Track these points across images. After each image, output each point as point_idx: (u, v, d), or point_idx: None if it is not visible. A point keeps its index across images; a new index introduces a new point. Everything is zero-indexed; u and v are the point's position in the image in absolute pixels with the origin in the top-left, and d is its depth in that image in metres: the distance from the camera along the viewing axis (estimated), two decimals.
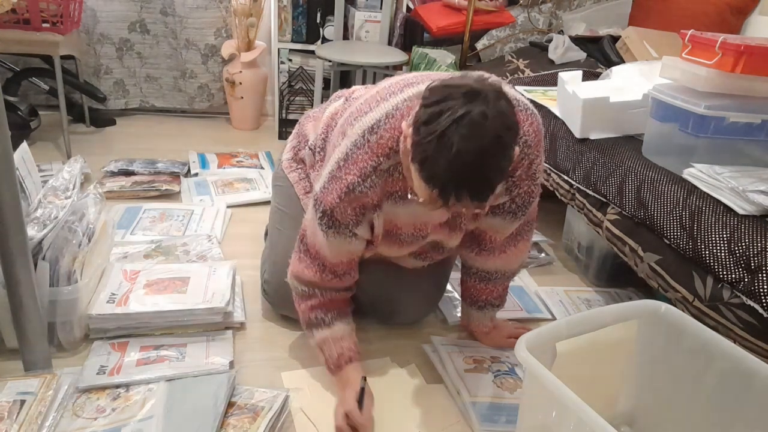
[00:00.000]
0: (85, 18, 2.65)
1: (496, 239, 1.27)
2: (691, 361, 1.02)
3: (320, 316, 1.19)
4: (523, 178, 1.13)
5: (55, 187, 1.36)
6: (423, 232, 1.18)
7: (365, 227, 1.12)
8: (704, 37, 1.32)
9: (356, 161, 1.05)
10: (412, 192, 0.99)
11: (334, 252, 1.14)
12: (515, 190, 1.15)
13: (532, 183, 1.15)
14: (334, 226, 1.10)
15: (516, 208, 1.18)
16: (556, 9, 2.96)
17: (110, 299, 1.31)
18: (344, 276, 1.18)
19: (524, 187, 1.15)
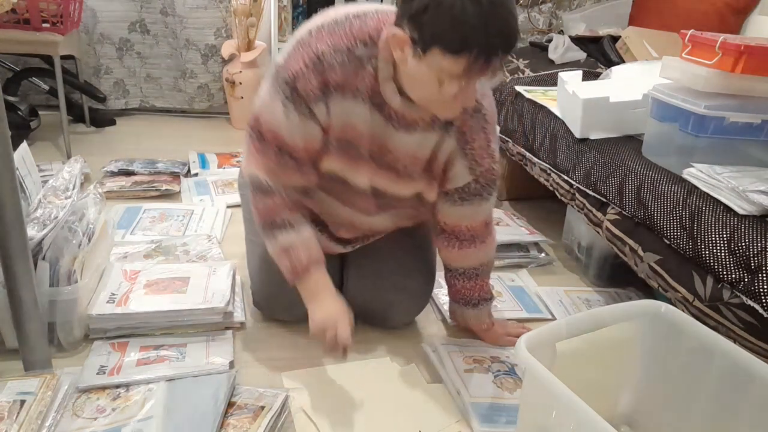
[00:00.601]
0: (85, 18, 2.65)
1: (474, 228, 1.27)
2: (691, 361, 1.02)
3: (285, 218, 1.13)
4: (483, 155, 1.16)
5: (55, 187, 1.36)
6: (380, 154, 1.14)
7: (324, 110, 1.06)
8: (704, 37, 1.32)
9: (332, 34, 1.02)
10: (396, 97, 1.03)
11: (291, 131, 1.07)
12: (477, 168, 1.17)
13: (492, 161, 1.18)
14: (295, 100, 1.04)
15: (481, 188, 1.20)
16: (556, 9, 2.96)
17: (110, 299, 1.31)
18: (303, 166, 1.12)
19: (485, 165, 1.17)
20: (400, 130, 1.11)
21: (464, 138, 1.14)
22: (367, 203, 1.24)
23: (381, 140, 1.13)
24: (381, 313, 1.40)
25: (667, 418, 1.08)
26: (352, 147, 1.13)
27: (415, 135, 1.12)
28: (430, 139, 1.14)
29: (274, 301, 1.38)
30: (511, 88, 2.17)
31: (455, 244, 1.30)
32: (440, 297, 1.56)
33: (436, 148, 1.15)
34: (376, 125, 1.10)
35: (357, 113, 1.08)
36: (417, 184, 1.21)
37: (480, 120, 1.13)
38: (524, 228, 1.92)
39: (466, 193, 1.20)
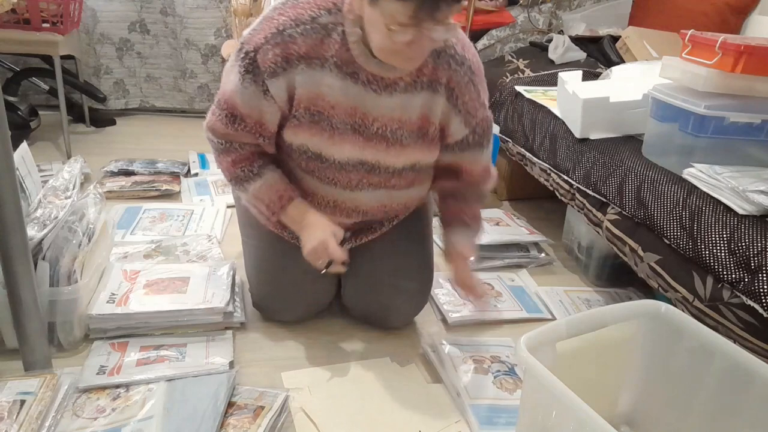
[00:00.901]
0: (85, 18, 2.65)
1: (472, 172, 1.30)
2: (691, 361, 1.02)
3: (246, 169, 1.16)
4: (476, 105, 1.18)
5: (55, 187, 1.36)
6: (364, 125, 1.13)
7: (283, 86, 1.07)
8: (704, 37, 1.32)
9: (295, 7, 1.05)
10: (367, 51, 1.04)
11: (245, 101, 1.09)
12: (472, 120, 1.19)
13: (485, 110, 1.22)
14: (252, 71, 1.06)
15: (479, 138, 1.23)
16: (556, 9, 2.96)
17: (110, 299, 1.31)
18: (254, 133, 1.14)
19: (479, 115, 1.20)
20: (382, 93, 1.11)
21: (453, 93, 1.15)
22: (349, 178, 1.21)
23: (363, 109, 1.12)
24: (380, 315, 1.40)
25: (667, 418, 1.08)
26: (323, 119, 1.12)
27: (397, 97, 1.12)
28: (416, 101, 1.13)
29: (272, 302, 1.39)
30: (511, 88, 2.17)
31: (453, 179, 1.32)
32: (440, 297, 1.56)
33: (425, 110, 1.15)
34: (353, 94, 1.10)
35: (327, 83, 1.09)
36: (411, 153, 1.19)
37: (466, 72, 1.14)
38: (524, 228, 1.93)
39: (465, 144, 1.23)
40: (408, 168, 1.23)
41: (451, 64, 1.12)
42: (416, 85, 1.12)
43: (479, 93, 1.18)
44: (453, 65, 1.13)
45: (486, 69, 2.56)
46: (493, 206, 2.17)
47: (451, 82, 1.13)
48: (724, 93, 1.31)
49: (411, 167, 1.23)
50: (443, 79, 1.13)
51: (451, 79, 1.13)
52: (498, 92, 2.26)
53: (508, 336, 1.45)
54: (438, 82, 1.13)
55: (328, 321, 1.44)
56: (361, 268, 1.37)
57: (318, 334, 1.40)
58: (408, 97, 1.12)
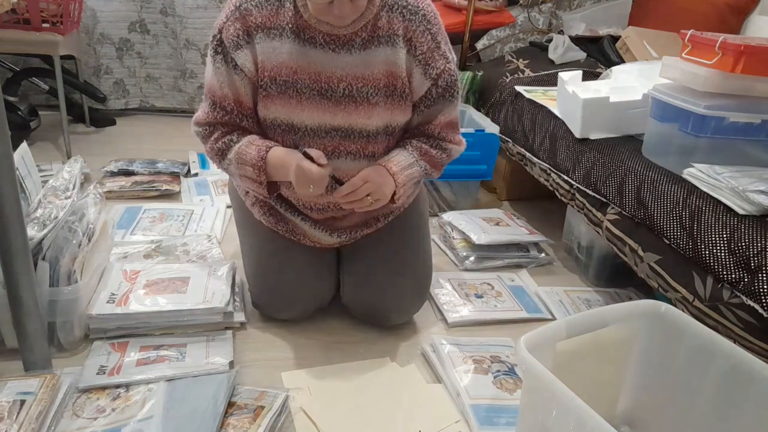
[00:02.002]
0: (85, 18, 2.65)
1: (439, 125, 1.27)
2: (691, 361, 1.02)
3: (226, 139, 1.22)
4: (435, 56, 1.18)
5: (55, 187, 1.36)
6: (331, 88, 1.16)
7: (249, 57, 1.14)
8: (704, 37, 1.32)
9: None
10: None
11: (221, 82, 1.17)
12: (432, 70, 1.19)
13: (446, 62, 1.20)
14: (221, 51, 1.14)
15: (443, 90, 1.22)
16: (556, 9, 2.96)
17: (110, 299, 1.31)
18: (234, 114, 1.20)
19: (440, 66, 1.19)
20: (340, 52, 1.14)
21: (412, 44, 1.16)
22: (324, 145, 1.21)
23: (327, 72, 1.15)
24: (379, 313, 1.40)
25: (667, 418, 1.08)
26: (289, 87, 1.16)
27: (357, 53, 1.14)
28: (377, 55, 1.15)
29: (271, 300, 1.38)
30: (511, 88, 2.17)
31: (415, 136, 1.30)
32: (440, 297, 1.56)
33: (390, 65, 1.17)
34: (315, 58, 1.14)
35: (287, 51, 1.14)
36: (382, 112, 1.20)
37: (421, 21, 1.15)
38: (524, 228, 1.93)
39: (429, 99, 1.23)
40: (381, 131, 1.23)
41: (404, 14, 1.15)
42: (374, 40, 1.14)
43: (438, 43, 1.18)
44: (407, 15, 1.15)
45: (486, 69, 2.57)
46: (493, 206, 2.17)
47: (408, 32, 1.15)
48: (724, 93, 1.31)
49: (384, 129, 1.23)
50: (400, 31, 1.14)
51: (407, 29, 1.15)
52: (498, 92, 2.26)
53: (508, 336, 1.45)
54: (395, 35, 1.14)
55: (328, 321, 1.44)
56: (359, 266, 1.38)
57: (318, 334, 1.40)
58: (368, 53, 1.15)
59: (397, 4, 1.15)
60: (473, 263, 1.75)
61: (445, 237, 1.89)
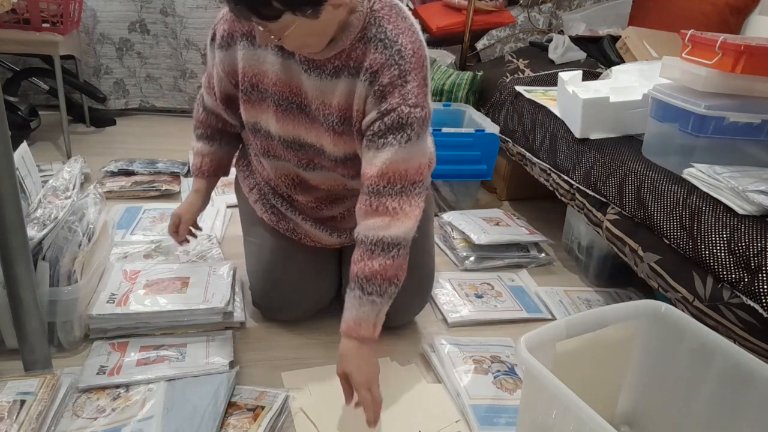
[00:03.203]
0: (85, 18, 2.65)
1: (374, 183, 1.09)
2: (691, 361, 1.02)
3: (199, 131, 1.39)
4: (394, 93, 1.06)
5: (55, 187, 1.36)
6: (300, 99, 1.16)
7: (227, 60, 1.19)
8: (704, 37, 1.32)
9: None
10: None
11: (209, 64, 1.27)
12: (383, 104, 1.07)
13: (403, 102, 1.06)
14: (214, 40, 1.21)
15: (386, 129, 1.07)
16: (556, 9, 2.96)
17: (110, 299, 1.31)
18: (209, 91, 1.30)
19: (393, 103, 1.06)
20: (311, 74, 1.13)
21: (375, 75, 1.08)
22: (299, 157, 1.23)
23: (304, 89, 1.15)
24: None
25: (667, 418, 1.08)
26: (268, 96, 1.19)
27: (325, 80, 1.12)
28: (338, 85, 1.12)
29: (272, 301, 1.39)
30: (511, 88, 2.17)
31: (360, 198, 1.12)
32: (440, 297, 1.56)
33: (349, 95, 1.12)
34: (294, 73, 1.15)
35: (269, 61, 1.15)
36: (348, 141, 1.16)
37: (393, 55, 1.07)
38: (524, 228, 1.93)
39: (372, 132, 1.09)
40: (351, 157, 1.18)
41: (378, 47, 1.08)
42: (343, 69, 1.10)
43: (405, 81, 1.07)
44: (380, 48, 1.08)
45: (486, 69, 2.57)
46: (493, 206, 2.17)
47: (374, 65, 1.08)
48: (724, 93, 1.31)
49: (354, 156, 1.18)
50: (366, 63, 1.09)
51: (374, 62, 1.08)
52: (498, 92, 2.26)
53: (508, 336, 1.45)
54: (361, 67, 1.09)
55: (328, 321, 1.44)
56: None
57: (318, 334, 1.40)
58: (334, 81, 1.12)
59: (375, 37, 1.09)
60: (473, 263, 1.75)
61: (445, 237, 1.89)
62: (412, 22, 1.13)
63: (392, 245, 1.08)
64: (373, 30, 1.08)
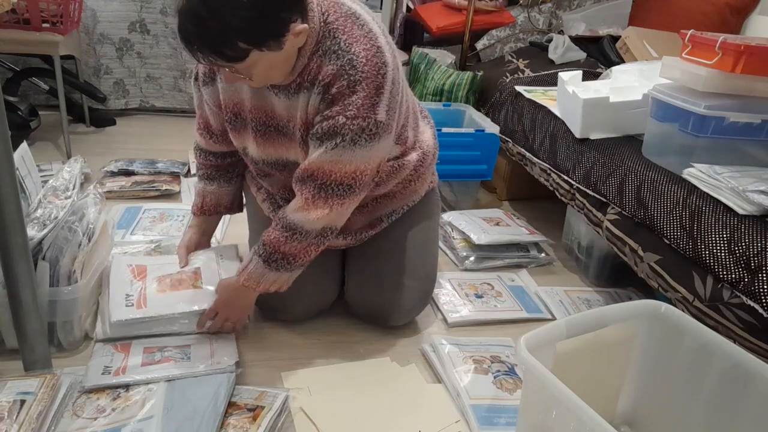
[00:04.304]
0: (85, 18, 2.65)
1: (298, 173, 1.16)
2: (691, 361, 1.02)
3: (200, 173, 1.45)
4: (337, 102, 1.08)
5: (55, 187, 1.36)
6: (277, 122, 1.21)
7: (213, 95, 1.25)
8: (704, 37, 1.32)
9: None
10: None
11: (197, 105, 1.34)
12: (326, 110, 1.10)
13: (342, 111, 1.07)
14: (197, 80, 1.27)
15: (322, 134, 1.10)
16: (556, 9, 2.96)
17: (127, 302, 1.27)
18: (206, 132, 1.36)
19: (333, 111, 1.08)
20: (281, 96, 1.16)
21: (327, 86, 1.09)
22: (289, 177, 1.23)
23: (278, 112, 1.19)
24: (382, 313, 1.40)
25: (667, 418, 1.08)
26: (248, 123, 1.24)
27: (293, 98, 1.15)
28: (300, 99, 1.15)
29: (274, 301, 1.39)
30: (511, 88, 2.17)
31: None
32: (440, 297, 1.56)
33: (310, 107, 1.14)
34: (267, 98, 1.19)
35: (245, 90, 1.20)
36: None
37: (344, 65, 1.07)
38: (524, 228, 1.93)
39: (312, 134, 1.13)
40: None
41: (331, 59, 1.08)
42: (301, 85, 1.13)
43: (352, 91, 1.07)
44: (333, 59, 1.08)
45: (486, 69, 2.57)
46: (493, 206, 2.17)
47: (326, 76, 1.09)
48: (724, 93, 1.31)
49: None
50: (320, 76, 1.10)
51: (326, 73, 1.09)
52: (498, 92, 2.26)
53: (508, 336, 1.45)
54: (315, 80, 1.11)
55: (329, 321, 1.44)
56: (364, 265, 1.38)
57: (318, 334, 1.40)
58: (297, 98, 1.15)
59: (330, 50, 1.08)
60: (473, 263, 1.75)
61: (445, 237, 1.89)
62: (371, 29, 1.11)
63: (290, 227, 1.16)
64: (327, 43, 1.09)
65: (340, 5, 1.12)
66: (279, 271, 1.20)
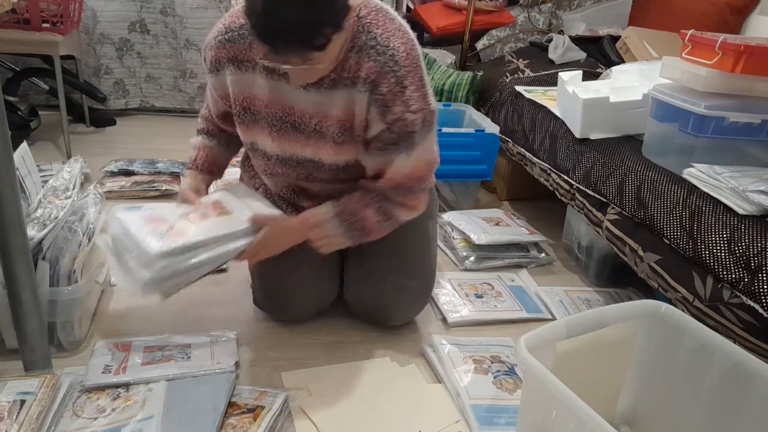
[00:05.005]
0: (85, 18, 2.65)
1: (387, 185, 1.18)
2: (691, 361, 1.02)
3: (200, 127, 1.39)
4: (395, 100, 1.08)
5: (55, 187, 1.36)
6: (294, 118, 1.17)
7: (218, 84, 1.22)
8: (704, 37, 1.32)
9: (232, 15, 1.16)
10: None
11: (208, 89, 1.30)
12: (388, 114, 1.09)
13: (406, 109, 1.09)
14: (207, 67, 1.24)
15: (396, 137, 1.11)
16: (556, 9, 2.96)
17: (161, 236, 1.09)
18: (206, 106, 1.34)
19: (397, 112, 1.09)
20: (310, 90, 1.13)
21: (374, 84, 1.09)
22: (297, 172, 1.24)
23: (299, 107, 1.16)
24: (381, 313, 1.40)
25: (667, 418, 1.08)
26: (261, 118, 1.20)
27: (324, 93, 1.12)
28: (337, 97, 1.12)
29: (274, 302, 1.39)
30: (511, 88, 2.17)
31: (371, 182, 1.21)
32: (440, 297, 1.56)
33: (351, 106, 1.13)
34: (287, 94, 1.15)
35: (259, 85, 1.16)
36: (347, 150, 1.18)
37: (387, 62, 1.07)
38: (524, 228, 1.93)
39: (381, 142, 1.13)
40: (352, 165, 1.21)
41: (371, 54, 1.08)
42: (340, 81, 1.11)
43: (403, 87, 1.08)
44: (373, 55, 1.08)
45: (486, 69, 2.57)
46: (493, 206, 2.17)
47: (371, 74, 1.08)
48: (724, 93, 1.31)
49: (355, 164, 1.21)
50: (363, 73, 1.09)
51: (370, 70, 1.08)
52: (498, 92, 2.26)
53: (508, 336, 1.45)
54: (358, 77, 1.09)
55: (329, 321, 1.44)
56: (364, 266, 1.38)
57: (318, 334, 1.40)
58: (333, 93, 1.12)
59: (367, 45, 1.08)
60: (473, 263, 1.75)
61: (445, 237, 1.89)
62: (401, 22, 1.13)
63: (384, 212, 1.20)
64: (363, 38, 1.09)
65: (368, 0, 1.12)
66: (350, 239, 1.22)
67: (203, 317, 1.41)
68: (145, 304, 1.44)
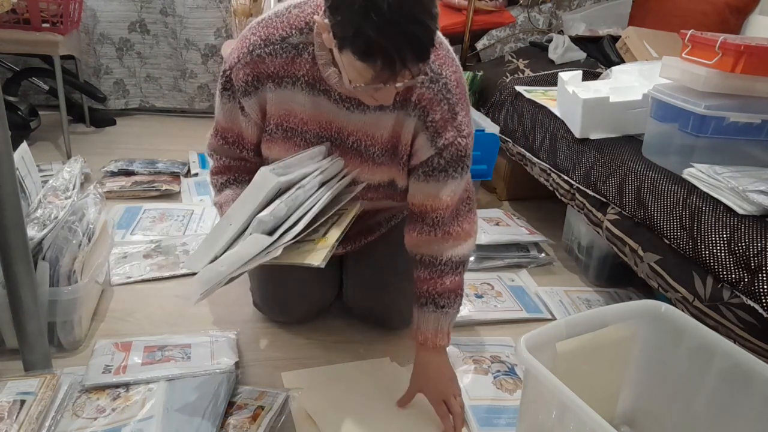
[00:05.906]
0: (85, 18, 2.65)
1: (438, 211, 1.15)
2: (691, 361, 1.02)
3: (219, 180, 1.23)
4: (447, 126, 1.08)
5: (55, 187, 1.36)
6: (331, 133, 1.12)
7: (255, 106, 1.11)
8: (704, 37, 1.32)
9: (268, 26, 1.06)
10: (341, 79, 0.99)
11: (225, 116, 1.16)
12: (439, 140, 1.08)
13: (458, 135, 1.09)
14: (229, 88, 1.11)
15: (446, 164, 1.10)
16: (556, 9, 2.97)
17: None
18: (235, 146, 1.19)
19: (449, 138, 1.08)
20: (355, 110, 1.09)
21: (424, 110, 1.08)
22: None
23: (338, 123, 1.11)
24: (381, 316, 1.40)
25: (667, 418, 1.08)
26: (297, 134, 1.13)
27: (370, 114, 1.09)
28: (387, 119, 1.10)
29: (273, 304, 1.39)
30: (511, 88, 2.17)
31: (417, 227, 1.18)
32: None
33: (398, 128, 1.11)
34: (327, 110, 1.10)
35: (299, 101, 1.09)
36: (386, 171, 1.16)
37: (440, 90, 1.07)
38: (524, 228, 1.93)
39: (430, 167, 1.11)
40: (386, 184, 1.19)
41: (423, 81, 1.07)
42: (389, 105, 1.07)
43: (455, 114, 1.08)
44: (426, 83, 1.07)
45: (486, 69, 2.57)
46: (493, 206, 2.17)
47: (422, 100, 1.07)
48: (724, 93, 1.31)
49: (389, 184, 1.19)
50: (414, 98, 1.07)
51: (422, 97, 1.07)
52: (498, 92, 2.26)
53: (508, 336, 1.45)
54: (409, 101, 1.08)
55: (329, 321, 1.44)
56: (363, 269, 1.37)
57: (318, 334, 1.40)
58: (380, 114, 1.10)
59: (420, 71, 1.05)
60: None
61: None
62: (449, 48, 1.11)
63: (459, 263, 1.16)
64: None
65: None
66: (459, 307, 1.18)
67: (203, 317, 1.41)
68: (145, 304, 1.44)
